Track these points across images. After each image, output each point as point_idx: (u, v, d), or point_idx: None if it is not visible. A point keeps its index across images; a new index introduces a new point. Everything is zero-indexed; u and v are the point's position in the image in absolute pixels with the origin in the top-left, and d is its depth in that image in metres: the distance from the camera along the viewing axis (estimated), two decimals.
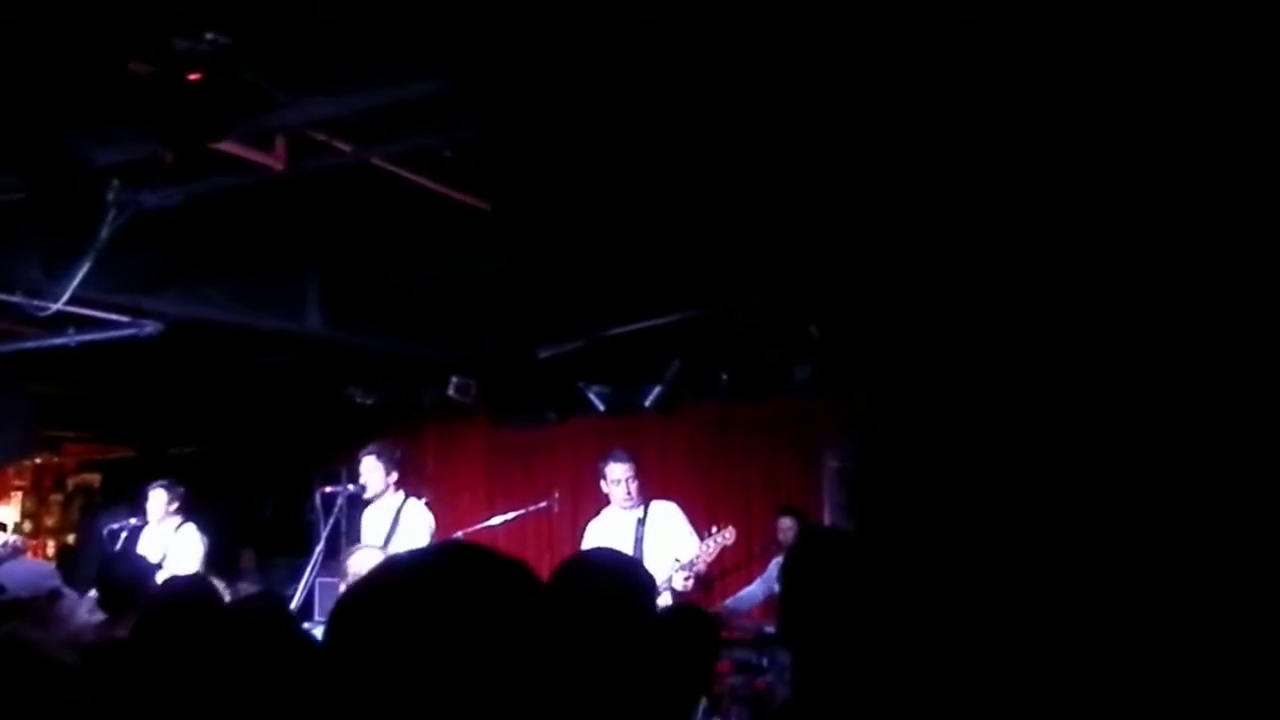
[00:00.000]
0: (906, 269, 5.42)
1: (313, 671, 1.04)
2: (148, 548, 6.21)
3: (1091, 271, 4.87)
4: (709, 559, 5.48)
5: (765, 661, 5.92)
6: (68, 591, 4.03)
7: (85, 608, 4.17)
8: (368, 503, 5.77)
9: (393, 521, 5.62)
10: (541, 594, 1.08)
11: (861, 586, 2.13)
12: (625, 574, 2.24)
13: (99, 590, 4.03)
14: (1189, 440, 4.61)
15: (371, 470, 5.67)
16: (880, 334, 6.01)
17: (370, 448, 5.74)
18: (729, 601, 6.63)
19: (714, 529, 5.46)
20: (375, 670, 0.99)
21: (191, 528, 6.40)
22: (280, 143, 3.98)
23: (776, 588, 5.66)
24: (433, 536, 5.63)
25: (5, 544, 4.43)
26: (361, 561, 5.41)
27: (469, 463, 8.85)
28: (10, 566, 3.83)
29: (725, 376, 7.18)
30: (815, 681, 2.16)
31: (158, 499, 6.45)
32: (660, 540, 5.43)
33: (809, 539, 2.77)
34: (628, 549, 5.24)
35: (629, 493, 5.51)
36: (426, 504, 5.84)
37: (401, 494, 5.73)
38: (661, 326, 6.09)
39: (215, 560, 6.50)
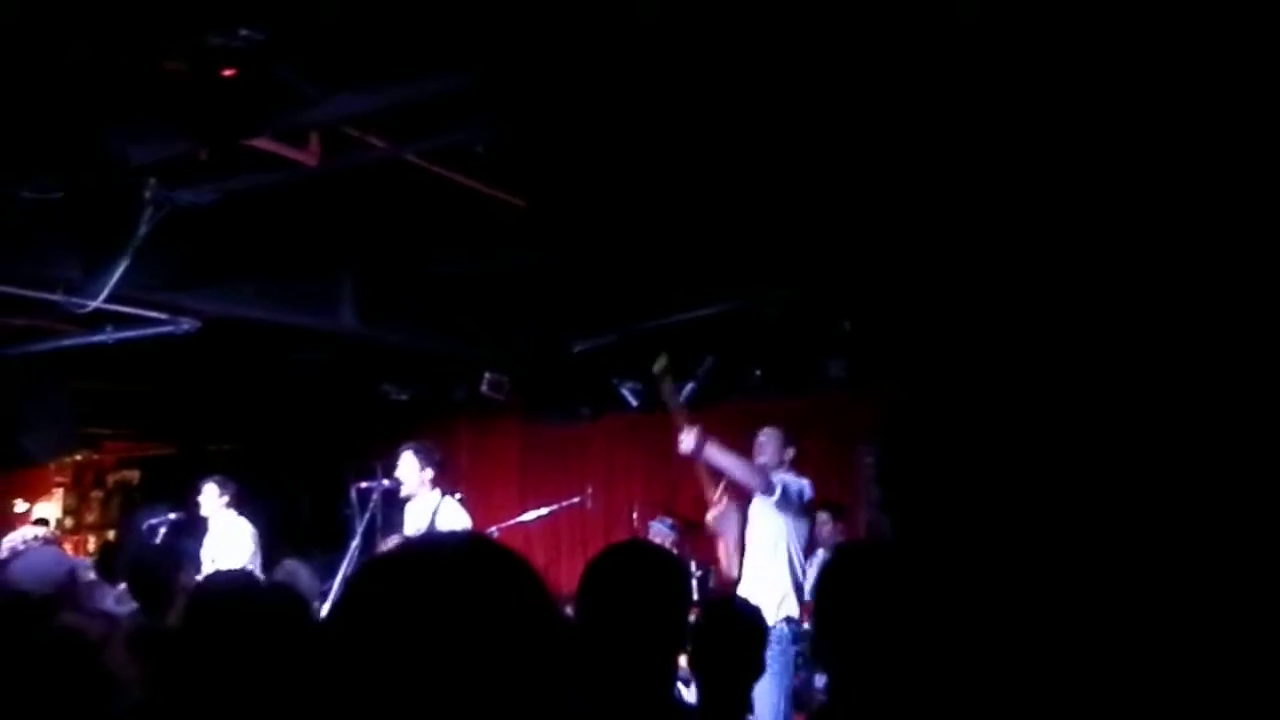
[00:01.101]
0: (938, 264, 5.38)
1: (316, 648, 1.03)
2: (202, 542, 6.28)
3: (1120, 266, 4.81)
4: None
5: (800, 658, 5.87)
6: (87, 575, 4.09)
7: (113, 598, 4.21)
8: (406, 499, 5.80)
9: (430, 521, 5.65)
10: (546, 592, 1.08)
11: (896, 603, 2.10)
12: (661, 562, 2.23)
13: (131, 580, 4.06)
14: (1211, 435, 4.54)
15: (407, 467, 5.71)
16: (912, 328, 5.97)
17: (408, 445, 5.78)
18: None
19: None
20: (377, 648, 0.99)
21: (244, 522, 6.46)
22: (314, 139, 3.98)
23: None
24: None
25: (36, 537, 4.46)
26: None
27: (503, 459, 8.87)
28: (22, 561, 3.86)
29: (758, 372, 7.14)
30: (851, 697, 2.14)
31: (210, 493, 6.52)
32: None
33: (843, 555, 2.76)
34: None
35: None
36: (461, 501, 5.87)
37: (438, 492, 5.76)
38: (694, 321, 6.06)
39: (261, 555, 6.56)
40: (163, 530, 6.79)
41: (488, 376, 7.42)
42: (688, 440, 5.42)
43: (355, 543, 5.59)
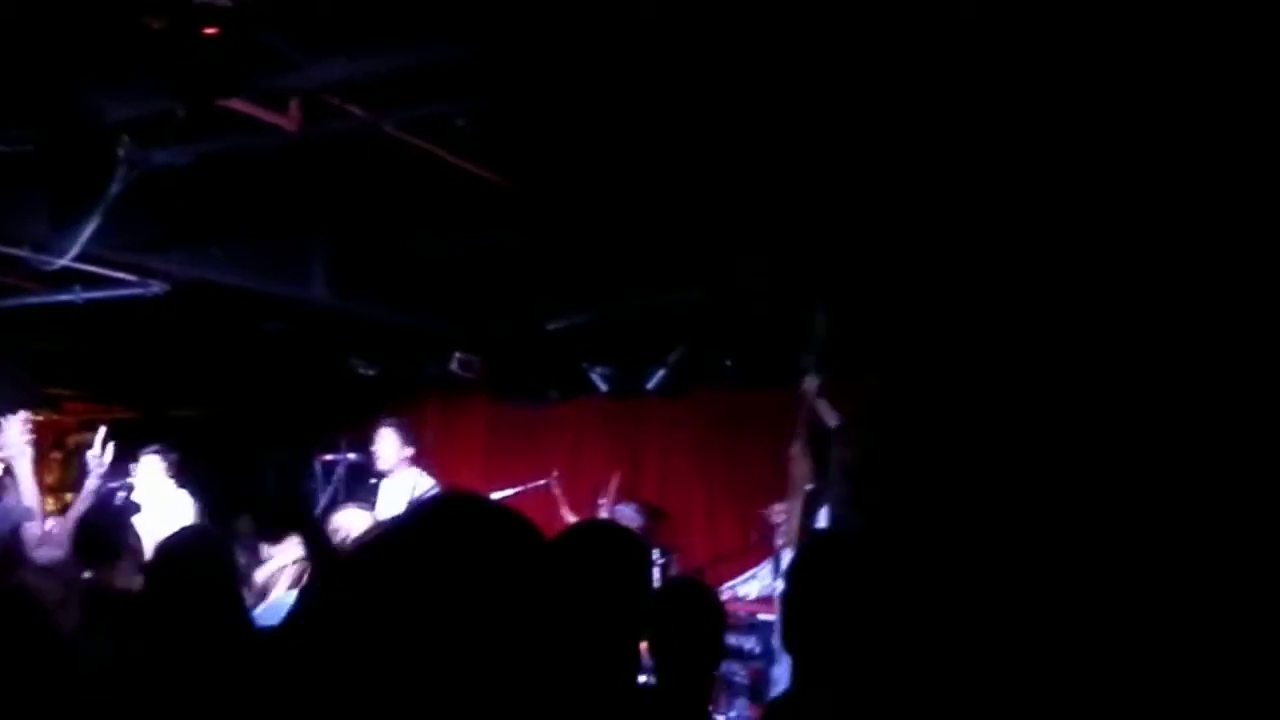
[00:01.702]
0: (916, 259, 5.39)
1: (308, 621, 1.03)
2: (140, 515, 6.15)
3: (1104, 262, 4.84)
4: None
5: (759, 649, 5.90)
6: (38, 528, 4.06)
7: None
8: (379, 475, 5.77)
9: (410, 497, 5.64)
10: (542, 547, 1.08)
11: (865, 592, 2.11)
12: (627, 542, 2.22)
13: (79, 539, 4.03)
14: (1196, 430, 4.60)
15: (387, 443, 5.69)
16: (889, 323, 5.98)
17: (388, 421, 5.77)
18: (724, 588, 6.61)
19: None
20: (372, 619, 0.97)
21: (184, 495, 6.32)
22: (294, 105, 3.94)
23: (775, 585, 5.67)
24: None
25: None
26: (348, 519, 5.43)
27: (469, 438, 8.82)
28: None
29: (730, 363, 7.13)
30: (816, 683, 2.14)
31: (150, 465, 6.32)
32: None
33: (813, 544, 2.77)
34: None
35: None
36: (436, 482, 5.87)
37: (416, 470, 5.75)
38: (668, 307, 6.05)
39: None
40: (120, 494, 6.68)
41: (458, 355, 7.38)
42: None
43: (318, 515, 5.55)
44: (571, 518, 6.59)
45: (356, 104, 3.97)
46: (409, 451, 5.76)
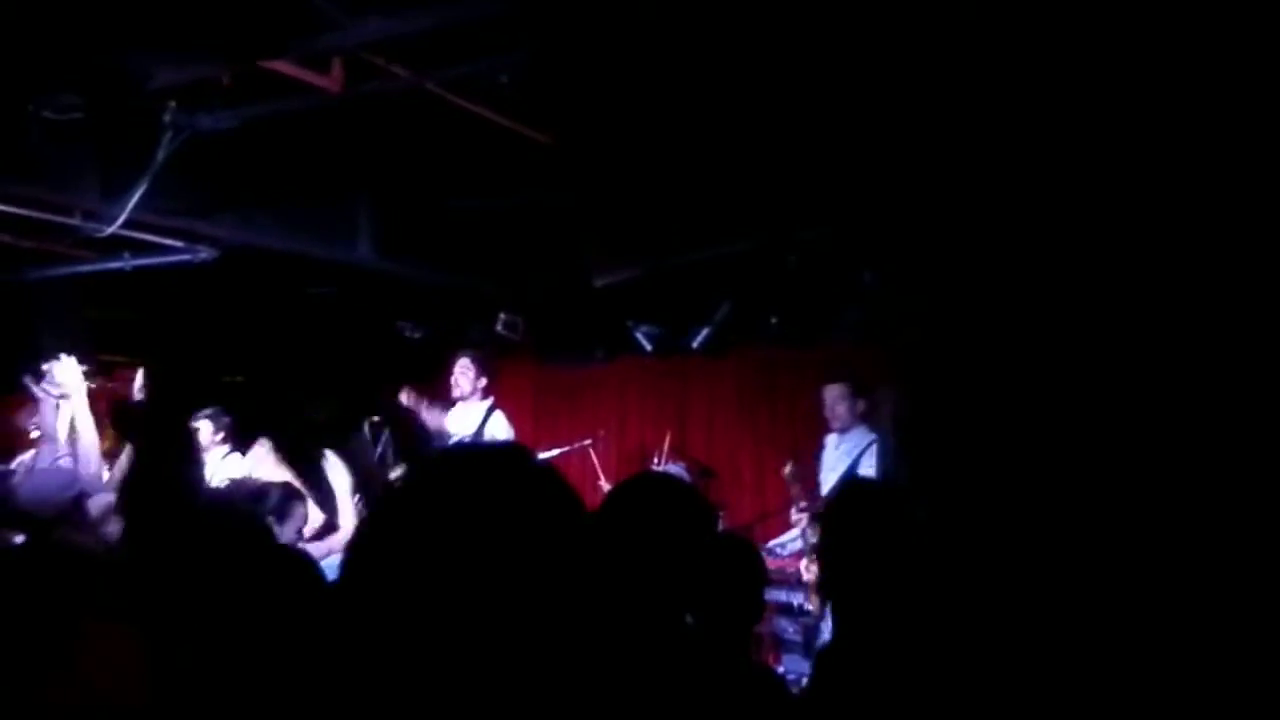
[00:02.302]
0: (963, 218, 5.31)
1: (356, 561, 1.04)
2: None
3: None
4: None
5: (806, 604, 5.90)
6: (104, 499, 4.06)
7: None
8: (418, 433, 5.87)
9: (479, 426, 5.85)
10: (578, 506, 1.08)
11: (902, 538, 2.09)
12: (683, 497, 2.21)
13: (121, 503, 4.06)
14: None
15: (464, 372, 5.92)
16: (934, 281, 5.91)
17: (465, 351, 5.99)
18: (772, 544, 6.61)
19: None
20: (412, 563, 0.98)
21: (237, 457, 6.41)
22: (337, 65, 3.93)
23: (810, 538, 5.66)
24: None
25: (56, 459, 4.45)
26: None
27: (515, 399, 8.84)
28: (31, 480, 3.84)
29: (775, 320, 7.08)
30: (856, 629, 2.13)
31: (204, 429, 6.42)
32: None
33: (850, 491, 2.75)
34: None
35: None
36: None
37: (490, 401, 5.95)
38: (712, 264, 6.01)
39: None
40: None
41: (503, 316, 7.39)
42: None
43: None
44: (606, 485, 6.66)
45: (399, 63, 3.95)
46: (484, 382, 6.06)
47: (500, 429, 5.99)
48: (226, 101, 4.14)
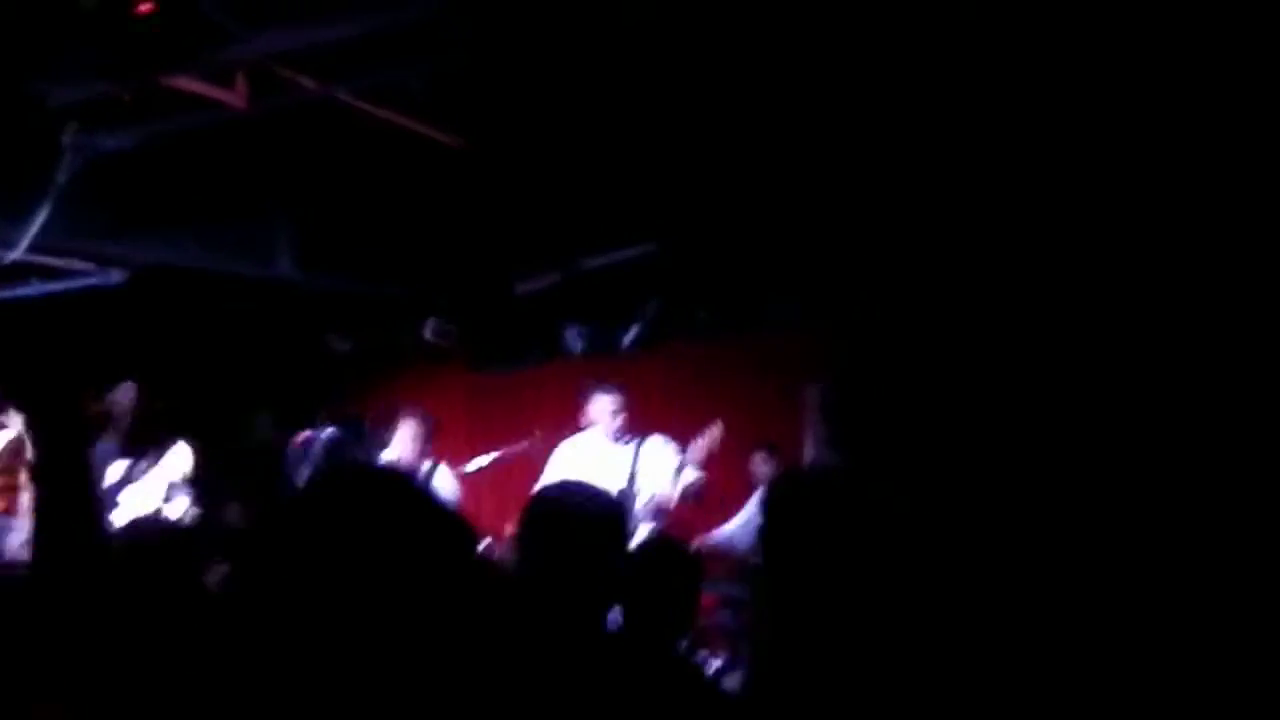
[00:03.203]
0: (889, 206, 5.36)
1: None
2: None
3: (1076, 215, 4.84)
4: (702, 464, 5.57)
5: (748, 595, 5.91)
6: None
7: (16, 539, 4.15)
8: (350, 446, 5.74)
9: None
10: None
11: (842, 524, 2.09)
12: (598, 505, 2.19)
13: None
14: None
15: (407, 436, 5.65)
16: (861, 270, 5.97)
17: (407, 414, 5.71)
18: (709, 537, 6.63)
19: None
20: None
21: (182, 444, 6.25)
22: (240, 80, 3.85)
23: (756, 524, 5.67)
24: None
25: None
26: None
27: (449, 406, 8.75)
28: None
29: (703, 314, 7.11)
30: (794, 617, 2.13)
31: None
32: (649, 477, 5.44)
33: (789, 477, 2.75)
34: (621, 482, 5.24)
35: (617, 427, 5.60)
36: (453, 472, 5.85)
37: (430, 461, 5.75)
38: (639, 261, 6.01)
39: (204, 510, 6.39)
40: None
41: (431, 323, 7.31)
42: None
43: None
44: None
45: (306, 74, 3.88)
46: (427, 446, 5.77)
47: (445, 486, 5.68)
48: (129, 120, 4.04)
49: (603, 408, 5.56)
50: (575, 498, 2.22)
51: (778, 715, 2.03)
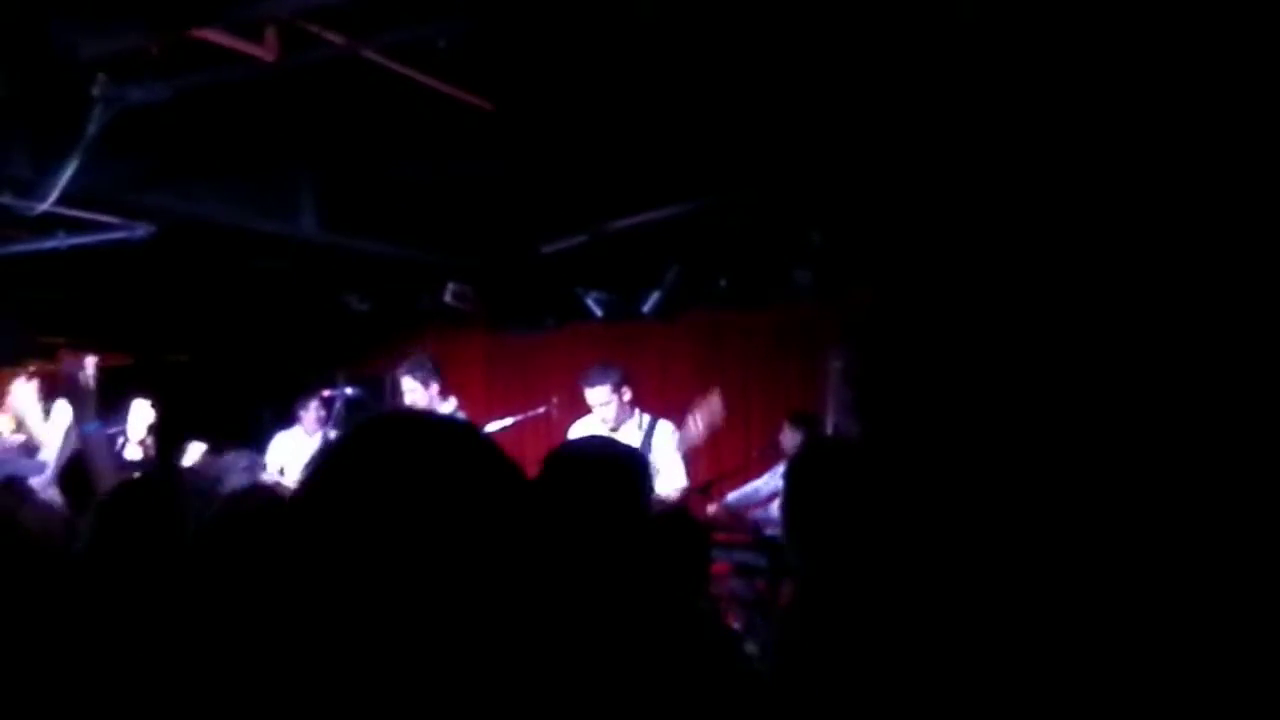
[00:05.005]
0: (909, 173, 5.34)
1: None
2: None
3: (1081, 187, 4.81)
4: (701, 435, 5.53)
5: (765, 563, 5.95)
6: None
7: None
8: (368, 406, 5.75)
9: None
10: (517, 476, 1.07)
11: (866, 495, 2.10)
12: (619, 458, 2.20)
13: (62, 476, 4.10)
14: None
15: (413, 390, 5.57)
16: (882, 238, 5.95)
17: (403, 367, 5.61)
18: (732, 496, 6.65)
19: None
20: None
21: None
22: (270, 34, 3.84)
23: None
24: None
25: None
26: None
27: (467, 369, 8.81)
28: None
29: (724, 282, 7.10)
30: (819, 587, 2.14)
31: (142, 411, 6.25)
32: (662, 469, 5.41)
33: (814, 448, 2.74)
34: None
35: (610, 416, 5.53)
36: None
37: (451, 401, 5.70)
38: (661, 226, 5.98)
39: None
40: (120, 440, 6.65)
41: (451, 286, 7.31)
42: None
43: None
44: None
45: (335, 31, 3.87)
46: (436, 387, 5.65)
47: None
48: (159, 73, 4.04)
49: (596, 398, 5.54)
50: (596, 443, 2.23)
51: (803, 684, 2.05)
